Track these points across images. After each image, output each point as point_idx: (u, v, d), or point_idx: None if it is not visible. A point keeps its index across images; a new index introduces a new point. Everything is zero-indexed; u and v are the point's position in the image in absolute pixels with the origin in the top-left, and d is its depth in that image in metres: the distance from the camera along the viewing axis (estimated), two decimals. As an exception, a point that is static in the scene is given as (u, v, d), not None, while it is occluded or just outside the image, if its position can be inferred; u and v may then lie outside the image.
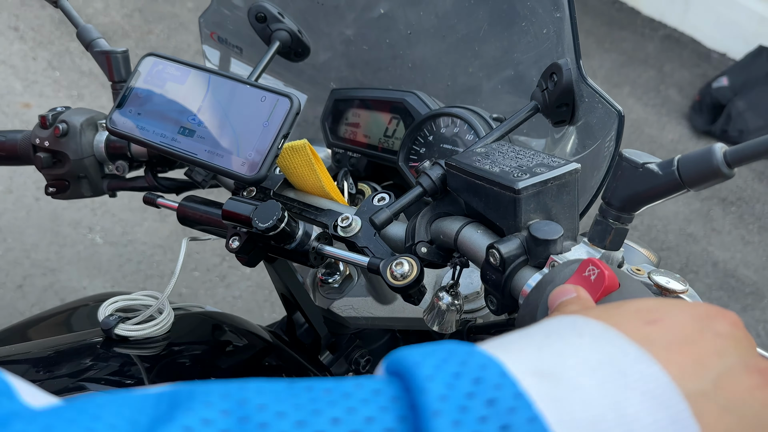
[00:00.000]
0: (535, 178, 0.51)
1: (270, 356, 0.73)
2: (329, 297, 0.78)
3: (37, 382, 0.61)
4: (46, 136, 0.79)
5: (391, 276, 0.56)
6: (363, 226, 0.64)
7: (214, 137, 0.68)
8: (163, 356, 0.67)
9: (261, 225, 0.60)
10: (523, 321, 0.47)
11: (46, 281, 2.32)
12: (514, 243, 0.50)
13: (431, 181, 0.60)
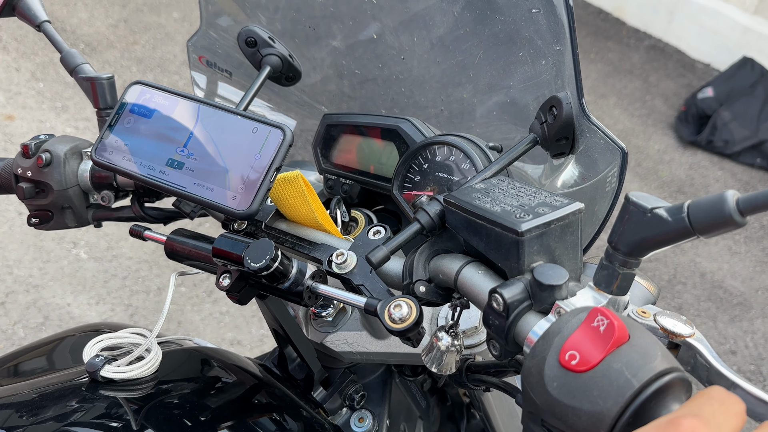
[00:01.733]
0: (539, 220, 0.50)
1: (260, 393, 0.71)
2: (322, 331, 0.76)
3: (22, 428, 0.58)
4: (28, 165, 0.76)
5: (390, 319, 0.54)
6: (358, 262, 0.62)
7: (203, 170, 0.66)
8: (151, 397, 0.65)
9: (253, 265, 0.58)
10: (530, 373, 0.45)
11: (29, 298, 2.27)
12: (517, 288, 0.48)
13: (429, 218, 0.58)
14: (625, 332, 0.42)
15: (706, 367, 0.51)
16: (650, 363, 0.41)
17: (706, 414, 0.37)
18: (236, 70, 0.91)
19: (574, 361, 0.42)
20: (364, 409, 0.80)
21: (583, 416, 0.41)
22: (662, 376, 0.40)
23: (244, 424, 0.67)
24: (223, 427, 0.65)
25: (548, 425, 0.44)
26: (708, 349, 0.51)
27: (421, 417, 0.90)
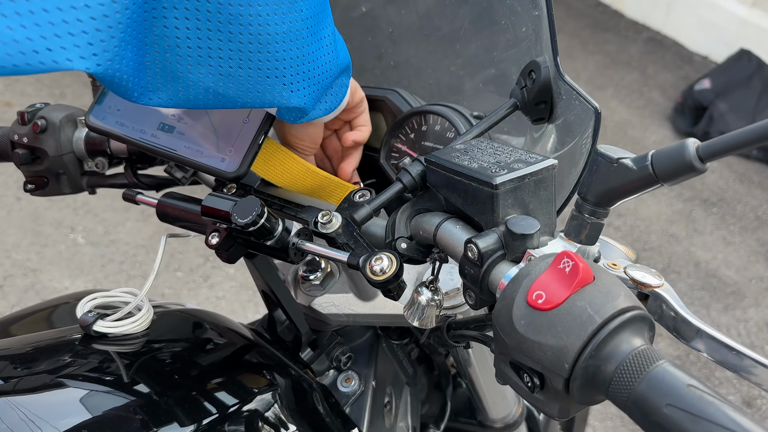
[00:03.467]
0: (513, 174, 0.52)
1: (250, 353, 0.73)
2: (310, 294, 0.78)
3: (17, 378, 0.60)
4: (24, 132, 0.78)
5: (371, 271, 0.56)
6: (343, 223, 0.64)
7: (193, 133, 0.68)
8: (143, 353, 0.67)
9: (240, 221, 0.60)
10: (500, 314, 0.47)
11: (27, 281, 2.30)
12: (491, 238, 0.51)
13: (411, 178, 0.60)
14: (589, 273, 0.44)
15: (673, 316, 0.53)
16: (613, 301, 0.43)
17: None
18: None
19: (541, 300, 0.45)
20: (351, 371, 0.82)
21: (548, 351, 0.43)
22: (624, 312, 0.42)
23: (233, 381, 0.69)
24: (212, 383, 0.67)
25: (517, 363, 0.46)
26: (675, 298, 0.53)
27: (408, 383, 0.92)
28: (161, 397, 0.62)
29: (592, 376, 0.42)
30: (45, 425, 0.54)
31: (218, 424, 0.62)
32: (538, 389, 0.46)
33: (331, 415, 0.72)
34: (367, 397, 0.81)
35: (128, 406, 0.60)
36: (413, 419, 0.93)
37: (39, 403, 0.58)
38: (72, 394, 0.59)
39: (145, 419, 0.58)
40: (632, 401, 0.41)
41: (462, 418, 1.02)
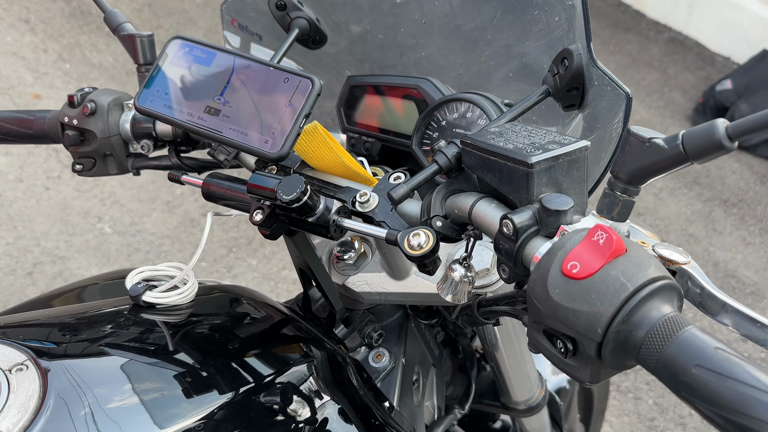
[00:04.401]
0: (547, 154, 0.54)
1: (287, 327, 0.76)
2: (344, 273, 0.81)
3: (68, 343, 0.64)
4: (74, 114, 0.82)
5: (408, 246, 0.59)
6: (380, 202, 0.67)
7: (238, 116, 0.72)
8: (187, 324, 0.70)
9: (285, 197, 0.63)
10: (535, 284, 0.50)
11: (56, 269, 2.36)
12: (526, 214, 0.53)
13: (447, 159, 0.63)
14: (622, 245, 0.47)
15: (699, 291, 0.55)
16: (644, 271, 0.45)
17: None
18: (267, 34, 0.96)
19: (575, 270, 0.47)
20: (382, 348, 0.86)
21: (582, 317, 0.46)
22: (654, 281, 0.45)
23: (271, 352, 0.72)
24: (250, 354, 0.70)
25: (551, 330, 0.49)
26: (701, 275, 0.56)
27: (434, 364, 0.95)
28: (203, 365, 0.65)
29: (624, 340, 0.45)
30: (97, 388, 0.58)
31: (256, 393, 0.65)
32: (571, 355, 0.48)
33: (364, 388, 0.76)
34: (398, 373, 0.84)
35: (172, 372, 0.63)
36: (438, 399, 0.96)
37: (91, 368, 0.61)
38: (121, 359, 0.63)
39: (187, 385, 0.62)
40: (662, 363, 0.43)
41: (486, 399, 1.05)
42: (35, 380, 0.55)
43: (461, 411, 0.98)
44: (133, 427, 0.56)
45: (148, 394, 0.60)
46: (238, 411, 0.63)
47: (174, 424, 0.58)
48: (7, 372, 0.55)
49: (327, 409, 0.70)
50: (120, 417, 0.56)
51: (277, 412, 0.66)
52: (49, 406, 0.53)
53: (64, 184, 2.65)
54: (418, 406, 0.89)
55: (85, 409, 0.54)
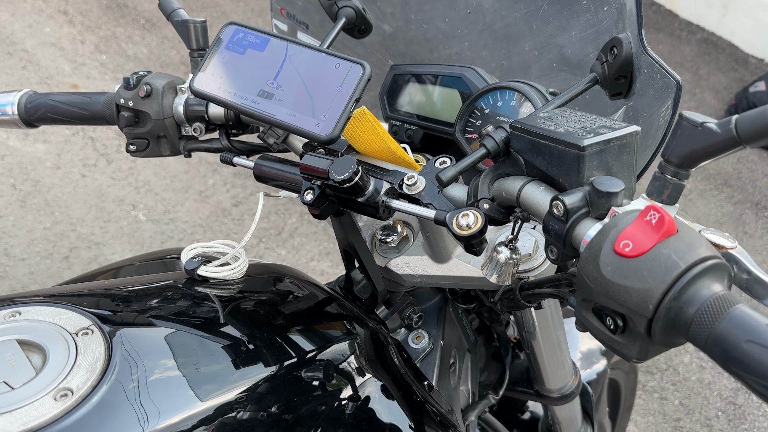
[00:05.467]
0: (599, 137, 0.56)
1: (331, 306, 0.79)
2: (386, 256, 0.83)
3: (124, 313, 0.67)
4: (130, 96, 0.85)
5: (457, 226, 0.61)
6: (427, 185, 0.69)
7: (291, 100, 0.74)
8: (238, 298, 0.73)
9: (337, 177, 0.65)
10: (587, 262, 0.51)
11: (91, 254, 2.41)
12: (577, 195, 0.55)
13: (495, 143, 0.64)
14: (674, 226, 0.48)
15: (746, 276, 0.56)
16: (695, 250, 0.47)
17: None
18: (314, 23, 0.99)
19: (628, 248, 0.49)
20: (421, 330, 0.87)
21: (633, 293, 0.47)
22: (706, 260, 0.46)
23: (316, 329, 0.75)
24: (296, 330, 0.73)
25: (600, 307, 0.50)
26: (749, 260, 0.57)
27: (469, 350, 0.97)
28: (251, 338, 0.68)
29: (674, 317, 0.46)
30: (156, 354, 0.61)
31: (300, 367, 0.68)
32: (620, 332, 0.50)
33: (405, 367, 0.77)
34: (436, 355, 0.86)
35: (222, 343, 0.66)
36: (473, 385, 0.98)
37: (150, 335, 0.64)
38: (177, 328, 0.65)
39: (235, 356, 0.64)
40: (712, 340, 0.44)
41: (519, 387, 1.06)
42: (101, 344, 0.58)
43: (495, 397, 0.99)
44: (185, 393, 0.59)
45: (198, 365, 0.62)
46: (283, 384, 0.65)
47: (223, 393, 0.60)
48: (74, 335, 0.58)
49: (369, 385, 0.72)
50: (175, 384, 0.59)
51: (321, 387, 0.68)
52: (115, 368, 0.56)
53: (99, 171, 2.71)
54: (455, 389, 0.90)
55: (147, 373, 0.57)
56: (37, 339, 0.57)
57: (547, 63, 0.87)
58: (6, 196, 2.54)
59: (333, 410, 0.67)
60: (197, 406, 0.58)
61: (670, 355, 2.58)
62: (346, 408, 0.69)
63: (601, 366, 1.39)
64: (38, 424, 0.50)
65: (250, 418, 0.61)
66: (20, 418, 0.50)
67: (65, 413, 0.51)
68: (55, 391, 0.53)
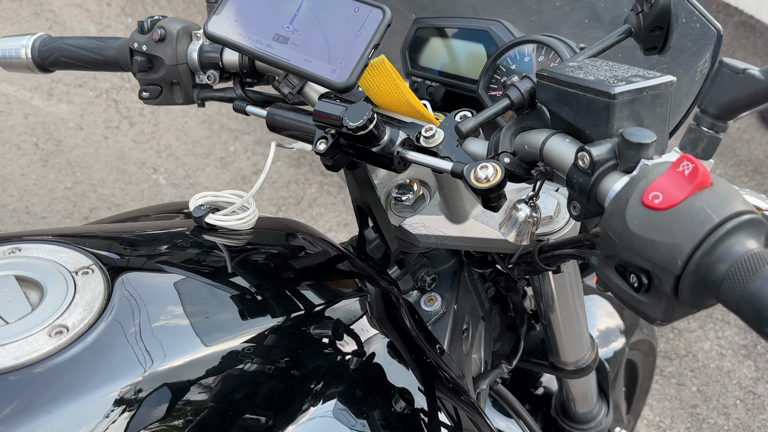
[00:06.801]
0: (631, 86, 0.52)
1: (343, 263, 0.76)
2: (401, 215, 0.81)
3: (128, 257, 0.65)
4: (144, 40, 0.83)
5: (475, 178, 0.58)
6: (445, 138, 0.66)
7: (307, 45, 0.71)
8: (246, 249, 0.71)
9: (351, 124, 0.62)
10: (612, 215, 0.48)
11: (111, 215, 2.42)
12: (605, 146, 0.51)
13: (519, 94, 0.61)
14: (708, 177, 0.45)
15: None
16: (731, 203, 0.43)
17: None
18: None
19: (657, 200, 0.45)
20: (434, 292, 0.85)
21: (661, 248, 0.44)
22: (741, 215, 0.43)
23: (325, 285, 0.72)
24: (305, 284, 0.70)
25: (624, 264, 0.47)
26: (786, 222, 0.53)
27: (483, 318, 0.94)
28: (258, 289, 0.66)
29: (704, 275, 0.43)
30: (158, 299, 0.59)
31: (308, 321, 0.65)
32: (644, 290, 0.46)
33: (416, 329, 0.75)
34: (449, 319, 0.84)
35: (227, 291, 0.64)
36: (486, 353, 0.95)
37: (153, 280, 0.62)
38: (181, 275, 0.63)
39: (242, 306, 0.62)
40: (744, 300, 0.41)
41: (533, 358, 1.03)
42: (100, 283, 0.56)
43: (508, 367, 0.97)
44: (189, 339, 0.57)
45: (204, 311, 0.60)
46: (290, 336, 0.63)
47: (227, 341, 0.58)
48: (73, 273, 0.57)
49: (379, 344, 0.70)
50: (178, 329, 0.57)
51: (328, 342, 0.66)
52: (113, 309, 0.54)
53: (122, 134, 2.71)
54: (467, 356, 0.88)
55: (146, 316, 0.55)
56: (35, 275, 0.56)
57: (579, 20, 0.83)
58: (29, 155, 2.55)
59: (340, 366, 0.65)
60: (198, 352, 0.56)
61: (689, 341, 2.53)
62: (353, 365, 0.66)
63: (619, 344, 1.35)
64: (31, 359, 0.48)
65: (254, 369, 0.59)
66: (13, 353, 0.49)
67: (59, 350, 0.49)
68: (50, 327, 0.51)
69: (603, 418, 1.16)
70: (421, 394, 0.69)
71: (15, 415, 0.46)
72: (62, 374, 0.49)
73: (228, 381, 0.56)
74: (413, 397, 0.69)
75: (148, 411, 0.51)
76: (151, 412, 0.51)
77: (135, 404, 0.50)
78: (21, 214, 2.36)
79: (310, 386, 0.60)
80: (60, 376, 0.49)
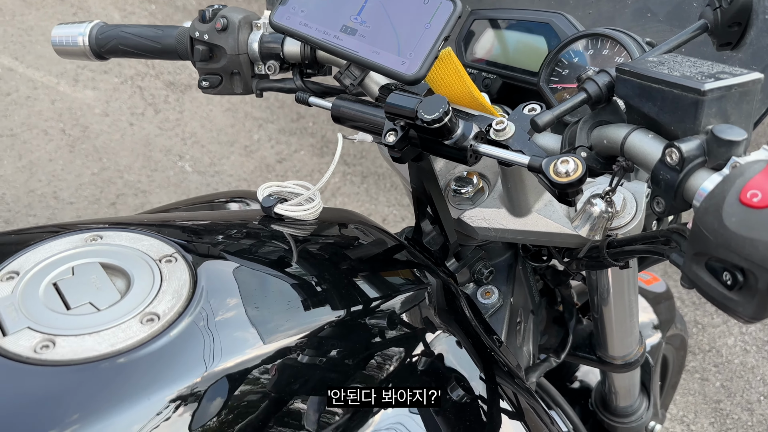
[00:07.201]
0: (721, 82, 0.52)
1: (402, 254, 0.76)
2: (460, 207, 0.81)
3: (206, 244, 0.66)
4: (205, 29, 0.83)
5: (555, 173, 0.57)
6: (517, 131, 0.65)
7: (375, 36, 0.71)
8: (312, 239, 0.71)
9: (427, 117, 0.62)
10: (706, 212, 0.48)
11: (137, 201, 2.43)
12: (694, 143, 0.51)
13: (597, 88, 0.60)
14: (811, 177, 0.45)
15: None
16: None
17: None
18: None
19: (756, 198, 0.45)
20: (491, 285, 0.85)
21: (761, 246, 0.44)
22: None
23: (388, 276, 0.73)
24: (368, 275, 0.71)
25: (718, 261, 0.47)
26: None
27: (533, 311, 0.94)
28: (321, 279, 0.66)
29: None
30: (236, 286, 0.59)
31: (369, 313, 0.66)
32: (738, 288, 0.46)
33: (475, 320, 0.75)
34: (506, 312, 0.84)
35: (292, 281, 0.64)
36: (533, 347, 0.95)
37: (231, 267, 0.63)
38: (252, 263, 0.64)
39: (305, 296, 0.63)
40: None
41: (580, 352, 1.03)
42: (185, 271, 0.56)
43: (557, 360, 0.97)
44: (268, 328, 0.57)
45: (278, 300, 0.61)
46: (355, 326, 0.64)
47: (303, 331, 0.59)
48: (158, 261, 0.57)
49: (440, 335, 0.70)
50: (257, 318, 0.58)
51: (391, 333, 0.66)
52: (201, 296, 0.54)
53: (147, 121, 2.72)
54: (520, 348, 0.88)
55: (229, 304, 0.56)
56: (120, 263, 0.56)
57: (640, 12, 0.82)
58: (56, 141, 2.56)
59: (403, 356, 0.65)
60: (277, 342, 0.56)
61: (713, 336, 2.52)
62: (416, 355, 0.67)
63: (655, 339, 1.35)
64: (126, 346, 0.49)
65: (330, 359, 0.59)
66: (108, 339, 0.49)
67: (152, 337, 0.50)
68: (141, 315, 0.52)
69: (644, 413, 1.17)
70: (482, 382, 0.70)
71: (111, 401, 0.47)
72: (155, 361, 0.49)
73: (304, 371, 0.57)
74: (474, 385, 0.69)
75: (234, 398, 0.51)
76: (236, 399, 0.52)
77: (221, 391, 0.51)
78: (49, 199, 2.38)
79: (376, 375, 0.61)
80: (153, 364, 0.49)
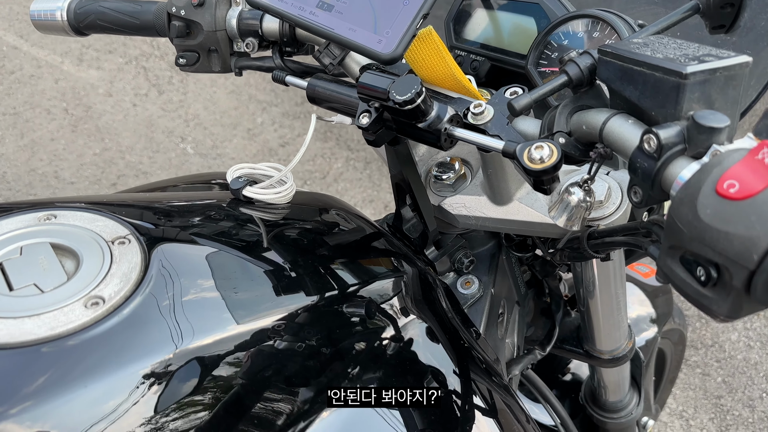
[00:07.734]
0: (704, 65, 0.48)
1: (379, 241, 0.74)
2: (440, 194, 0.78)
3: (164, 227, 0.64)
4: (182, 4, 0.80)
5: (528, 159, 0.55)
6: (495, 115, 0.62)
7: (352, 13, 0.68)
8: (282, 223, 0.69)
9: (399, 97, 0.60)
10: (680, 203, 0.45)
11: (138, 182, 2.42)
12: (674, 129, 0.48)
13: (579, 70, 0.57)
14: (793, 166, 0.41)
15: None
16: None
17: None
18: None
19: (733, 189, 0.42)
20: (471, 275, 0.82)
21: (736, 241, 0.41)
22: None
23: (361, 263, 0.70)
24: (341, 261, 0.68)
25: (692, 256, 0.44)
26: None
27: (518, 302, 0.92)
28: (293, 265, 0.64)
29: None
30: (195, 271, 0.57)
31: (342, 300, 0.63)
32: (712, 284, 0.44)
33: (452, 312, 0.73)
34: (486, 302, 0.81)
35: (263, 267, 0.62)
36: (519, 338, 0.93)
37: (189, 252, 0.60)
38: (218, 247, 0.62)
39: (277, 282, 0.61)
40: None
41: (567, 345, 1.01)
42: (137, 254, 0.54)
43: (541, 353, 0.94)
44: (224, 314, 0.55)
45: (240, 286, 0.59)
46: (324, 315, 0.62)
47: (262, 318, 0.57)
48: (110, 243, 0.55)
49: (414, 325, 0.68)
50: (213, 304, 0.56)
51: (363, 322, 0.64)
52: (151, 281, 0.52)
53: (150, 102, 2.70)
54: (501, 340, 0.85)
55: (183, 289, 0.54)
56: (71, 244, 0.54)
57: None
58: (58, 120, 2.56)
59: (374, 347, 0.63)
60: (233, 329, 0.54)
61: (716, 331, 2.48)
62: (388, 346, 0.64)
63: (651, 333, 1.32)
64: (66, 330, 0.47)
65: (287, 347, 0.57)
66: (48, 323, 0.47)
67: (94, 322, 0.48)
68: (85, 298, 0.49)
69: (634, 408, 1.14)
70: (455, 377, 0.68)
71: (49, 387, 0.45)
72: (97, 347, 0.47)
73: (260, 358, 0.55)
74: (448, 380, 0.67)
75: (179, 386, 0.49)
76: (182, 387, 0.49)
77: (166, 379, 0.49)
78: (50, 179, 2.38)
79: (344, 366, 0.59)
80: (94, 349, 0.47)
